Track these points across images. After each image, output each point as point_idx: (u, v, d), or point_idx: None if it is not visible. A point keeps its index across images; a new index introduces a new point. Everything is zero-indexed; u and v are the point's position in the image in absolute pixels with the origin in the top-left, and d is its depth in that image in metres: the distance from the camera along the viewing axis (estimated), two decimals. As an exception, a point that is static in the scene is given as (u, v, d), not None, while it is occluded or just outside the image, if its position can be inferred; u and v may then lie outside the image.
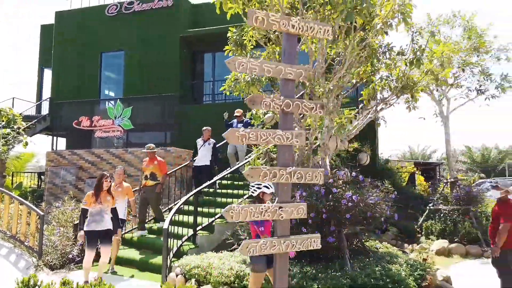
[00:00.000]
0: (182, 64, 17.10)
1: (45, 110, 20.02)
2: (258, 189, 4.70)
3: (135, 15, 18.04)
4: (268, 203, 3.68)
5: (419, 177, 20.87)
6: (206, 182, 8.49)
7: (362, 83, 8.20)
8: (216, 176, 9.15)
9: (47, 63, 20.59)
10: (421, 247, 10.49)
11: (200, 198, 8.65)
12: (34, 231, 7.75)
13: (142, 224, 8.55)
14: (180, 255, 7.16)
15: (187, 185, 11.13)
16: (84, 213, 6.45)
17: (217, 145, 9.96)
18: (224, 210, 2.28)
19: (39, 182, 19.34)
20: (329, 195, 6.09)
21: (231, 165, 10.14)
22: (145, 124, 13.72)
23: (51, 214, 8.41)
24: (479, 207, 11.16)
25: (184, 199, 7.56)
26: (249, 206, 2.43)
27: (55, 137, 15.32)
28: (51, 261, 7.23)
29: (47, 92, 20.85)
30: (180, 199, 8.37)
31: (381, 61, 7.26)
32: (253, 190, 4.76)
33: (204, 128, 9.91)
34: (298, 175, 2.46)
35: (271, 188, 4.73)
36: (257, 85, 6.63)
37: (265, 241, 2.39)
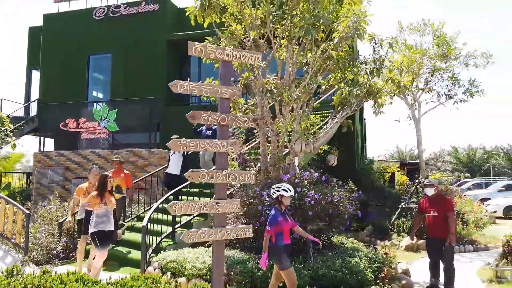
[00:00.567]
0: (168, 66, 17.51)
1: (33, 111, 20.29)
2: (277, 191, 4.95)
3: (122, 19, 18.39)
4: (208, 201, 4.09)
5: (402, 177, 21.50)
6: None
7: (337, 89, 8.73)
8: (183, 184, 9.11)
9: (35, 64, 20.85)
10: (392, 243, 11.07)
11: (180, 198, 9.10)
12: (20, 229, 8.17)
13: None
14: (159, 250, 7.61)
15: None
16: (88, 214, 6.34)
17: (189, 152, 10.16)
18: (168, 205, 2.73)
19: (28, 183, 19.63)
20: (294, 194, 6.60)
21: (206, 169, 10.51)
22: (130, 126, 14.12)
23: (37, 213, 8.81)
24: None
25: (163, 198, 8.01)
26: (189, 202, 2.91)
27: (43, 138, 15.65)
28: (36, 257, 7.64)
29: (35, 94, 21.12)
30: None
31: (347, 69, 7.79)
32: (273, 193, 5.01)
33: (173, 136, 10.00)
34: (233, 177, 2.93)
35: (289, 191, 4.97)
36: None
37: (204, 230, 2.87)
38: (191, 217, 8.49)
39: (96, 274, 6.11)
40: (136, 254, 7.88)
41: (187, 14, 7.13)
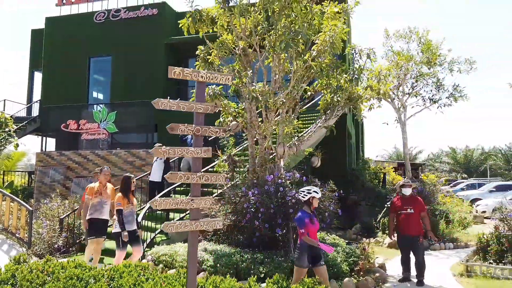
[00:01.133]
0: (167, 69, 18.00)
1: (35, 112, 20.87)
2: (308, 194, 5.15)
3: (122, 22, 18.95)
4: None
5: (398, 177, 22.07)
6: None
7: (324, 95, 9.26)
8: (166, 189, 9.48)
9: (38, 66, 21.44)
10: (376, 241, 11.62)
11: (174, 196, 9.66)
12: (24, 225, 8.74)
13: None
14: (153, 245, 8.18)
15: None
16: (120, 214, 6.51)
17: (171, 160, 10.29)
18: (149, 202, 3.24)
19: (30, 181, 20.21)
20: (277, 193, 7.16)
21: None
22: (128, 127, 14.69)
23: (39, 210, 9.37)
24: (432, 205, 12.31)
25: (157, 197, 8.55)
26: (168, 198, 3.45)
27: (44, 138, 16.24)
28: (39, 250, 8.20)
29: (37, 94, 21.69)
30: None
31: (331, 77, 8.34)
32: (304, 195, 5.19)
33: (155, 144, 9.66)
34: (205, 178, 3.47)
35: (318, 193, 5.19)
36: (219, 97, 7.68)
37: (180, 222, 3.41)
38: (184, 214, 9.04)
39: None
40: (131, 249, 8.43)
41: (180, 26, 7.69)
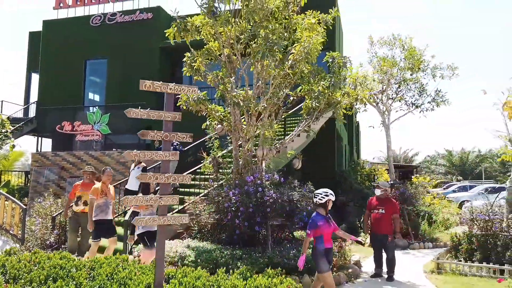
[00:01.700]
0: (161, 72, 18.49)
1: (32, 113, 21.28)
2: (325, 196, 5.22)
3: (118, 26, 19.39)
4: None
5: (388, 178, 22.54)
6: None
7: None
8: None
9: (35, 67, 21.86)
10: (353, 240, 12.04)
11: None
12: (18, 222, 9.15)
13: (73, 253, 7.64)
14: (139, 242, 8.57)
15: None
16: (134, 215, 6.52)
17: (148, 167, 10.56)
18: (122, 199, 3.63)
19: (26, 181, 20.60)
20: (256, 194, 7.58)
21: None
22: (121, 129, 15.10)
23: (33, 208, 9.78)
24: (415, 207, 12.72)
25: (130, 196, 8.92)
26: (139, 196, 3.86)
27: (40, 139, 16.65)
28: (32, 247, 8.60)
29: (34, 95, 22.12)
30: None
31: (314, 83, 8.78)
32: (321, 198, 5.25)
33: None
34: (173, 178, 3.88)
35: (332, 196, 5.28)
36: (203, 102, 8.11)
37: (149, 217, 3.82)
38: (171, 213, 9.44)
39: None
40: (120, 246, 8.84)
41: (166, 35, 8.12)
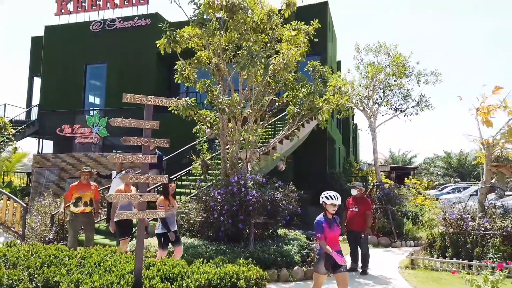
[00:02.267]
0: (158, 77, 19.12)
1: (34, 115, 21.94)
2: (321, 198, 5.07)
3: (117, 32, 20.04)
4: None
5: (386, 180, 23.07)
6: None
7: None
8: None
9: (37, 72, 22.52)
10: (344, 238, 12.56)
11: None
12: (19, 220, 9.76)
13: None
14: (132, 239, 9.14)
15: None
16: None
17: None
18: (106, 196, 4.20)
19: (28, 181, 21.25)
20: (240, 193, 8.15)
21: None
22: (119, 132, 15.68)
23: (33, 207, 10.38)
24: (398, 206, 13.26)
25: (112, 193, 9.42)
26: (122, 194, 4.42)
27: (42, 141, 17.29)
28: (32, 243, 9.20)
29: (36, 98, 22.78)
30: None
31: (296, 90, 9.35)
32: (320, 198, 5.12)
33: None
34: (151, 178, 4.44)
35: (332, 199, 4.94)
36: (192, 108, 8.70)
37: (130, 212, 4.38)
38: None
39: None
40: (114, 242, 9.42)
41: (157, 46, 8.73)
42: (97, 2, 20.44)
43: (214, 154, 10.54)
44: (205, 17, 8.67)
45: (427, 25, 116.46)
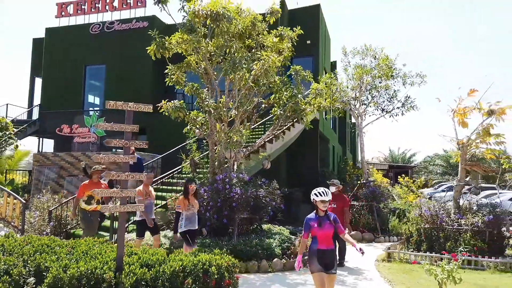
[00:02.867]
0: (155, 78, 19.65)
1: (35, 115, 22.56)
2: (311, 196, 4.90)
3: (116, 34, 20.59)
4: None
5: (383, 179, 23.56)
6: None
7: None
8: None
9: (38, 72, 23.12)
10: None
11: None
12: (18, 215, 10.34)
13: None
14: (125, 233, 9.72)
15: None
16: (177, 216, 7.03)
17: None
18: (91, 191, 4.74)
19: (29, 179, 21.86)
20: (225, 190, 8.69)
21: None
22: (115, 132, 16.23)
23: (32, 203, 10.96)
24: (384, 204, 13.75)
25: (97, 189, 9.95)
26: (106, 190, 4.96)
27: (43, 140, 17.88)
28: (28, 235, 9.78)
29: (38, 98, 23.38)
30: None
31: (280, 93, 9.86)
32: (311, 195, 4.94)
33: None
34: (131, 176, 4.98)
35: (321, 195, 4.79)
36: (181, 110, 9.24)
37: (112, 205, 4.92)
38: (155, 208, 10.57)
39: None
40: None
41: (148, 52, 9.27)
42: (96, 5, 21.00)
43: (203, 154, 11.07)
44: (192, 24, 9.20)
45: (427, 25, 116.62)
